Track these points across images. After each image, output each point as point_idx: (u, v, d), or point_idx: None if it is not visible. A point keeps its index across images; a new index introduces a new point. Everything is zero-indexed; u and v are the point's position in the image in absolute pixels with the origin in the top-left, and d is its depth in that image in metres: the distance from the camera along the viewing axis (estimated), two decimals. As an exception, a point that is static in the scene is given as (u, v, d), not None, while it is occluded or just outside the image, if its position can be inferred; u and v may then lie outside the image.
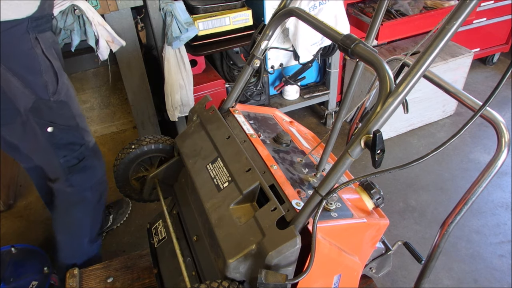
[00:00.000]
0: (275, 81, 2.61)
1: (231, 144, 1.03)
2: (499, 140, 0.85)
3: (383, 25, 2.26)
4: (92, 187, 1.57)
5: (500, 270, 1.87)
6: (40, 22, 1.25)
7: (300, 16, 0.96)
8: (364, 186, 1.08)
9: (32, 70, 1.26)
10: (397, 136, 2.71)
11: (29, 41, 1.23)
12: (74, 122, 1.43)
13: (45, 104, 1.31)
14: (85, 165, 1.50)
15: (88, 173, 1.53)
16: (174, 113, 2.17)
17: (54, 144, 1.39)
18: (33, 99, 1.28)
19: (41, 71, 1.28)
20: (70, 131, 1.42)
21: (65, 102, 1.37)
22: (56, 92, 1.33)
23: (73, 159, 1.46)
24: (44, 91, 1.30)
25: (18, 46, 1.21)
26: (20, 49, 1.22)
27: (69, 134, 1.41)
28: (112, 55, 1.92)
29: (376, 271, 1.30)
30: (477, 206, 2.18)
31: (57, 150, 1.40)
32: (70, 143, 1.43)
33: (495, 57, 3.36)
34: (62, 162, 1.43)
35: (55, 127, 1.36)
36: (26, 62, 1.24)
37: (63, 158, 1.43)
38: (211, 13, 2.05)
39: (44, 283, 1.73)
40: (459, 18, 0.66)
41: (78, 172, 1.49)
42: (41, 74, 1.28)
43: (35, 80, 1.27)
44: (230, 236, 0.86)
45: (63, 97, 1.37)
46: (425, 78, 1.00)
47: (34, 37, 1.24)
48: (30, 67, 1.25)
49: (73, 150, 1.45)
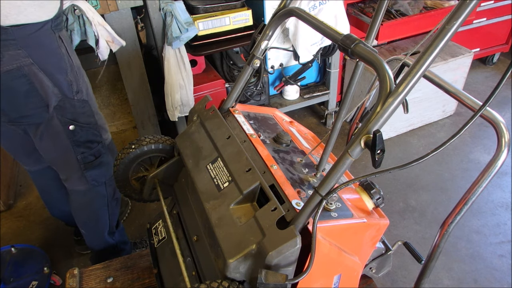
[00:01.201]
0: (275, 81, 2.61)
1: (231, 144, 1.03)
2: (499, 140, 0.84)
3: (383, 25, 2.26)
4: (106, 182, 1.60)
5: (500, 270, 1.87)
6: (58, 21, 1.29)
7: (300, 16, 0.96)
8: (364, 186, 1.08)
9: (60, 69, 1.29)
10: (397, 136, 2.72)
11: (55, 40, 1.27)
12: (94, 120, 1.47)
13: (69, 103, 1.35)
14: (100, 162, 1.54)
15: (103, 169, 1.56)
16: (174, 113, 2.17)
17: (74, 141, 1.42)
18: (60, 98, 1.32)
19: (67, 70, 1.31)
20: (90, 129, 1.45)
21: (86, 101, 1.42)
22: (79, 90, 1.37)
23: (90, 156, 1.49)
24: (69, 90, 1.33)
25: (47, 45, 1.25)
26: (50, 48, 1.26)
27: (88, 132, 1.45)
28: (112, 55, 1.92)
29: (376, 271, 1.30)
30: (477, 206, 2.18)
31: (76, 147, 1.44)
32: (88, 140, 1.47)
33: (495, 57, 3.36)
34: (80, 158, 1.47)
35: (76, 125, 1.39)
36: (55, 61, 1.28)
37: (81, 155, 1.46)
38: (211, 13, 2.05)
39: (44, 283, 1.73)
40: (459, 18, 0.66)
41: (93, 168, 1.52)
42: (66, 73, 1.31)
43: (62, 79, 1.30)
44: (230, 236, 0.86)
45: (84, 95, 1.41)
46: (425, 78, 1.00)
47: (58, 36, 1.28)
48: (58, 66, 1.29)
49: (90, 148, 1.48)
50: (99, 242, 1.74)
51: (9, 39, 1.14)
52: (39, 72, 1.23)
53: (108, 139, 1.64)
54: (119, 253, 1.81)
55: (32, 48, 1.19)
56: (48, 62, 1.25)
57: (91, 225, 1.69)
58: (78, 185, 1.56)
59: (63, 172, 1.55)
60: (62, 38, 1.30)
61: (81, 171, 1.50)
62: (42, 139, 1.39)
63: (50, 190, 1.80)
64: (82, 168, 1.49)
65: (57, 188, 1.74)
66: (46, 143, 1.41)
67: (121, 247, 1.82)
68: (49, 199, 1.88)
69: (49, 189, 1.80)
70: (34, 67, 1.21)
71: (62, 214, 1.93)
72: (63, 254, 2.05)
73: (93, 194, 1.59)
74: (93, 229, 1.70)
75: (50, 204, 1.91)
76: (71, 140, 1.41)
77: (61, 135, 1.39)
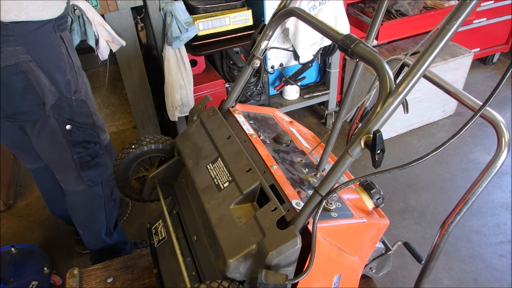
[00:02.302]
0: (275, 81, 2.61)
1: (231, 144, 1.03)
2: (499, 140, 0.85)
3: (383, 25, 2.26)
4: (103, 183, 1.60)
5: (500, 270, 1.87)
6: (62, 21, 1.29)
7: (300, 16, 0.96)
8: (364, 186, 1.08)
9: (58, 68, 1.30)
10: (397, 136, 2.72)
11: (56, 39, 1.27)
12: (92, 121, 1.47)
13: (66, 102, 1.35)
14: (97, 162, 1.53)
15: (100, 170, 1.56)
16: (174, 113, 2.17)
17: (70, 141, 1.42)
18: (57, 97, 1.32)
19: (65, 70, 1.32)
20: (87, 129, 1.45)
21: (84, 101, 1.42)
22: (77, 90, 1.37)
23: (86, 156, 1.49)
24: (67, 89, 1.33)
25: (47, 44, 1.25)
26: (49, 47, 1.26)
27: (85, 132, 1.45)
28: (112, 55, 1.92)
29: (376, 271, 1.30)
30: (477, 206, 2.18)
31: (72, 147, 1.43)
32: (85, 141, 1.46)
33: (495, 57, 3.36)
34: (76, 158, 1.46)
35: (73, 125, 1.39)
36: (54, 60, 1.28)
37: (77, 154, 1.46)
38: (211, 13, 2.05)
39: (44, 283, 1.73)
40: (459, 18, 0.66)
41: (89, 168, 1.52)
42: (65, 73, 1.32)
43: (60, 78, 1.30)
44: (230, 236, 0.86)
45: (83, 96, 1.41)
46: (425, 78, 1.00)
47: (59, 36, 1.28)
48: (56, 65, 1.29)
49: (87, 148, 1.48)
50: (97, 243, 1.74)
51: (9, 35, 1.15)
52: (37, 69, 1.23)
53: (106, 140, 1.63)
54: (119, 253, 1.80)
55: (31, 45, 1.20)
56: (47, 61, 1.26)
57: (88, 226, 1.69)
58: (74, 186, 1.55)
59: (59, 172, 1.55)
60: (63, 38, 1.30)
61: (77, 171, 1.49)
62: (39, 137, 1.39)
63: (51, 188, 1.80)
64: (78, 168, 1.49)
65: (58, 187, 1.74)
66: (42, 142, 1.41)
67: (121, 247, 1.82)
68: (49, 197, 1.88)
69: (50, 188, 1.81)
70: (32, 64, 1.21)
71: (63, 213, 1.93)
72: (63, 254, 2.05)
73: (90, 194, 1.59)
74: (90, 230, 1.70)
75: (50, 203, 1.91)
76: (68, 140, 1.41)
77: (58, 134, 1.39)
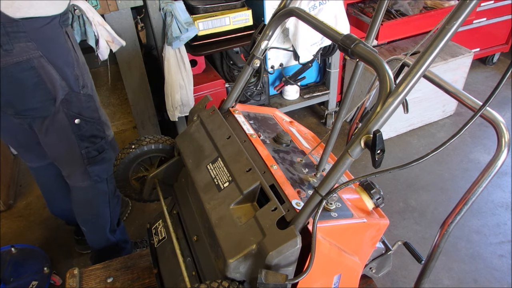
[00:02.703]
0: (275, 81, 2.61)
1: (231, 144, 1.03)
2: (499, 140, 0.85)
3: (383, 25, 2.26)
4: (108, 179, 1.62)
5: (500, 270, 1.87)
6: (66, 17, 1.32)
7: (300, 16, 0.96)
8: (364, 186, 1.08)
9: (67, 63, 1.32)
10: (397, 136, 2.72)
11: (62, 35, 1.29)
12: (98, 115, 1.49)
13: (75, 97, 1.37)
14: (103, 157, 1.56)
15: (105, 165, 1.58)
16: (174, 113, 2.17)
17: (79, 135, 1.44)
18: (66, 91, 1.34)
19: (73, 64, 1.34)
20: (94, 123, 1.48)
21: (91, 96, 1.44)
22: (84, 85, 1.40)
23: (94, 151, 1.51)
24: (76, 84, 1.36)
25: (55, 39, 1.27)
26: (57, 42, 1.28)
27: (93, 126, 1.47)
28: (112, 55, 1.92)
29: (376, 271, 1.30)
30: (477, 206, 2.18)
31: (80, 141, 1.46)
32: (93, 135, 1.49)
33: (495, 57, 3.36)
34: (84, 153, 1.49)
35: (82, 119, 1.42)
36: (63, 55, 1.30)
37: (85, 149, 1.48)
38: (211, 13, 2.05)
39: (44, 283, 1.73)
40: (459, 18, 0.66)
41: (96, 163, 1.54)
42: (73, 67, 1.34)
43: (69, 72, 1.32)
44: (230, 236, 0.86)
45: (89, 90, 1.43)
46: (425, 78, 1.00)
47: (65, 31, 1.31)
48: (65, 60, 1.31)
49: (94, 143, 1.50)
50: (100, 240, 1.74)
51: (20, 31, 1.16)
52: (48, 64, 1.25)
53: (111, 135, 1.66)
54: (120, 252, 1.81)
55: (41, 41, 1.22)
56: (56, 56, 1.28)
57: (92, 222, 1.70)
58: (80, 181, 1.56)
59: (66, 168, 1.56)
60: (68, 33, 1.33)
61: (84, 166, 1.51)
62: (47, 133, 1.40)
63: (51, 187, 1.81)
64: (86, 163, 1.51)
65: (59, 186, 1.75)
66: (51, 138, 1.43)
67: (122, 246, 1.82)
68: (50, 196, 1.88)
69: (50, 187, 1.81)
70: (43, 59, 1.23)
71: (63, 213, 1.93)
72: (63, 254, 2.05)
73: (95, 190, 1.60)
74: (94, 226, 1.71)
75: (50, 202, 1.91)
76: (76, 134, 1.43)
77: (67, 129, 1.40)
